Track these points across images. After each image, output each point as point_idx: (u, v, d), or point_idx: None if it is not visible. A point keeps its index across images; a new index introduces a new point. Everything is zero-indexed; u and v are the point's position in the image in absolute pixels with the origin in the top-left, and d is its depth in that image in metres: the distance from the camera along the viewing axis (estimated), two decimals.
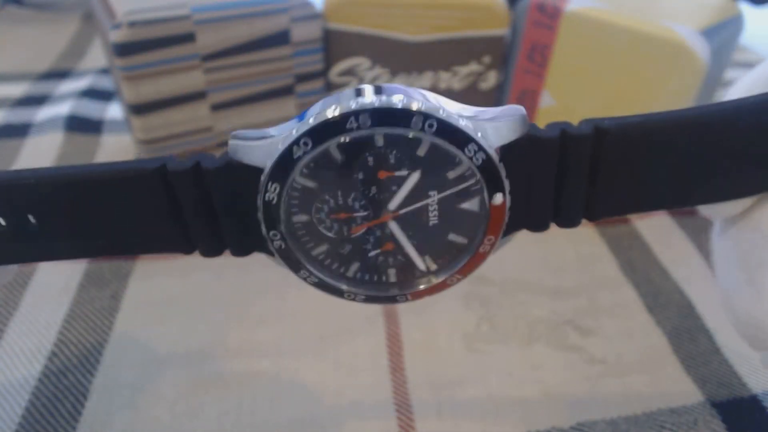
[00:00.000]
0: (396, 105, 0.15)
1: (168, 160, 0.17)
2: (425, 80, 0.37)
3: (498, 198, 0.16)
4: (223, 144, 0.34)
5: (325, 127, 0.15)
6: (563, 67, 0.34)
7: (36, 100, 0.45)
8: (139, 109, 0.31)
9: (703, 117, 0.17)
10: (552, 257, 0.33)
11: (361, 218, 0.17)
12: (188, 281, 0.30)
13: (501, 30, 0.35)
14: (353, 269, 0.18)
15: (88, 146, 0.40)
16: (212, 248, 0.18)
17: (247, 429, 0.24)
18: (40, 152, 0.38)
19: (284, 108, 0.35)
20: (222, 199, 0.17)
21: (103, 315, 0.28)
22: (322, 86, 0.36)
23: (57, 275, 0.30)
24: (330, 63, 0.35)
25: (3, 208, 0.17)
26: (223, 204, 0.17)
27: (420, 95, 0.16)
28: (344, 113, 0.15)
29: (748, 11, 0.37)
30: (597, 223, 0.36)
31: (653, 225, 0.36)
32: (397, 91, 0.15)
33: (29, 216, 0.17)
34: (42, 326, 0.27)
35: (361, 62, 0.36)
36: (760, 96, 0.17)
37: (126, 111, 0.34)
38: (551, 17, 0.33)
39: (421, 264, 0.18)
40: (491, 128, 0.16)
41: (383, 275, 0.18)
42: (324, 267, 0.18)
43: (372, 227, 0.17)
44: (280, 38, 0.32)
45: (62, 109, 0.43)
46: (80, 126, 0.41)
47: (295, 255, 0.17)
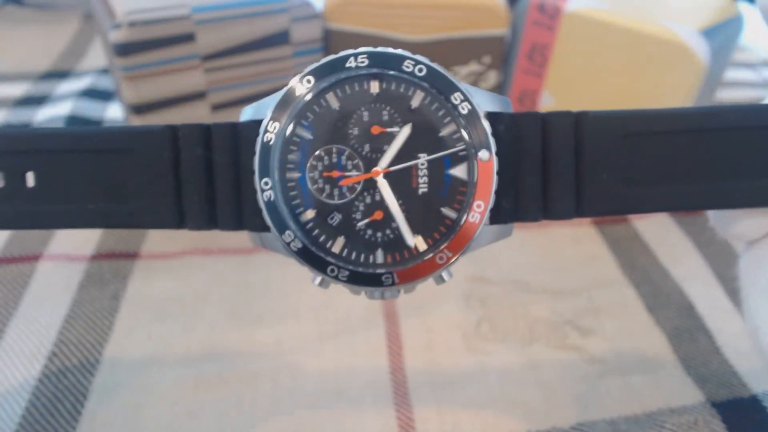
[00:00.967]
0: (390, 50, 0.17)
1: (181, 125, 0.18)
2: None
3: (484, 154, 0.17)
4: None
5: (327, 65, 0.17)
6: (563, 67, 0.34)
7: (36, 100, 0.45)
8: (139, 109, 0.31)
9: (683, 112, 0.18)
10: (552, 257, 0.33)
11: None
12: (188, 281, 0.30)
13: (501, 30, 0.35)
14: (340, 244, 0.18)
15: None
16: (202, 218, 0.18)
17: (247, 429, 0.24)
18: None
19: None
20: (223, 159, 0.18)
21: (103, 315, 0.28)
22: None
23: (57, 275, 0.30)
24: None
25: (6, 162, 0.18)
26: (224, 165, 0.18)
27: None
28: (344, 54, 0.17)
29: (748, 11, 0.37)
30: (597, 223, 0.36)
31: (653, 225, 0.36)
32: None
33: (28, 174, 0.18)
34: (42, 326, 0.27)
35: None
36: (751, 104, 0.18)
37: (126, 111, 0.34)
38: (551, 17, 0.33)
39: (410, 238, 0.18)
40: (477, 94, 0.18)
41: (370, 255, 0.18)
42: (310, 237, 0.18)
43: (362, 193, 0.18)
44: (280, 38, 0.32)
45: (62, 109, 0.43)
46: (80, 125, 0.41)
47: (282, 214, 0.17)
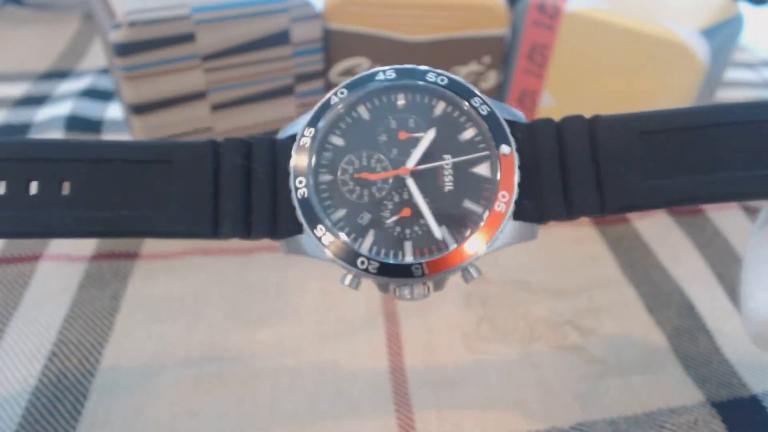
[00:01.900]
0: (414, 66, 0.19)
1: (222, 140, 0.19)
2: None
3: (505, 149, 0.18)
4: None
5: (359, 79, 0.19)
6: (563, 67, 0.34)
7: (36, 100, 0.45)
8: (139, 109, 0.31)
9: (699, 111, 0.19)
10: (552, 257, 0.33)
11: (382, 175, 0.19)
12: (188, 281, 0.30)
13: (501, 30, 0.35)
14: (369, 240, 0.18)
15: None
16: (237, 227, 0.19)
17: (247, 429, 0.24)
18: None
19: (284, 108, 0.35)
20: (262, 169, 0.19)
21: (103, 315, 0.28)
22: (322, 86, 0.36)
23: (57, 275, 0.30)
24: (330, 63, 0.35)
25: (41, 170, 0.18)
26: (261, 176, 0.19)
27: None
28: (374, 70, 0.19)
29: (748, 11, 0.37)
30: (597, 223, 0.36)
31: (653, 225, 0.36)
32: None
33: (64, 183, 0.18)
34: (42, 326, 0.27)
35: (361, 62, 0.36)
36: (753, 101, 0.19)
37: (126, 111, 0.34)
38: (551, 17, 0.33)
39: (437, 232, 0.18)
40: (492, 102, 0.19)
41: (399, 250, 0.18)
42: (341, 234, 0.19)
43: (391, 192, 0.19)
44: (280, 38, 0.32)
45: (62, 109, 0.43)
46: (80, 126, 0.41)
47: (315, 210, 0.18)
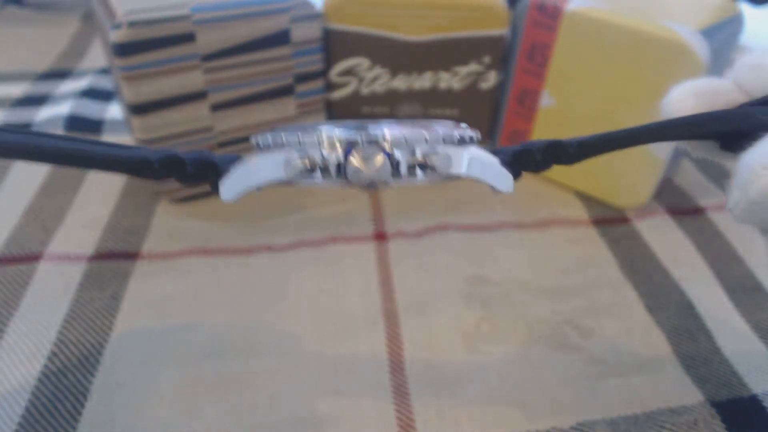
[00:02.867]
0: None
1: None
2: (425, 80, 0.37)
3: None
4: (224, 144, 0.34)
5: None
6: (563, 67, 0.34)
7: (36, 100, 0.45)
8: (139, 109, 0.31)
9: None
10: (552, 257, 0.33)
11: None
12: (188, 281, 0.30)
13: (501, 30, 0.35)
14: None
15: None
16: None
17: (247, 429, 0.24)
18: None
19: (284, 108, 0.35)
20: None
21: (103, 315, 0.28)
22: (322, 86, 0.36)
23: (57, 275, 0.30)
24: (330, 63, 0.35)
25: None
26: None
27: None
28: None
29: (748, 11, 0.37)
30: (597, 223, 0.36)
31: (653, 225, 0.36)
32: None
33: None
34: (42, 326, 0.27)
35: (361, 62, 0.36)
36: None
37: (126, 111, 0.34)
38: (551, 17, 0.33)
39: None
40: None
41: None
42: None
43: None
44: (280, 38, 0.32)
45: (62, 109, 0.43)
46: (80, 126, 0.41)
47: None
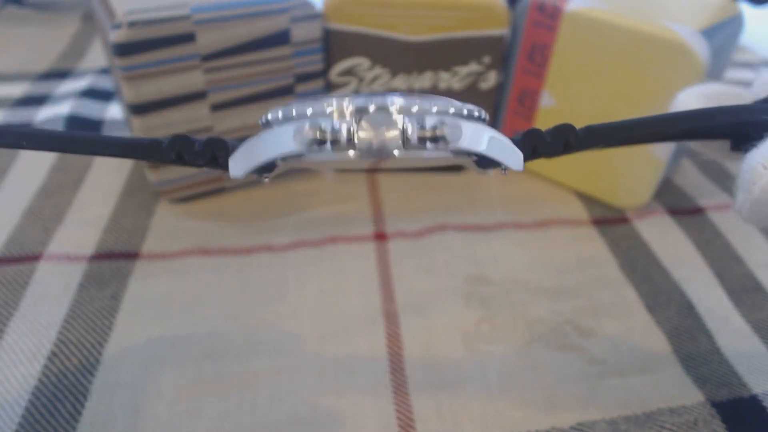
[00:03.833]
0: None
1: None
2: (425, 80, 0.37)
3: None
4: None
5: None
6: (563, 67, 0.34)
7: (36, 100, 0.45)
8: (139, 109, 0.31)
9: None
10: (552, 257, 0.33)
11: None
12: (188, 281, 0.30)
13: (501, 30, 0.35)
14: None
15: None
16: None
17: (247, 429, 0.24)
18: (40, 152, 0.38)
19: None
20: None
21: (103, 315, 0.28)
22: (322, 86, 0.36)
23: (57, 275, 0.30)
24: (330, 63, 0.35)
25: None
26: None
27: None
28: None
29: (748, 11, 0.37)
30: (597, 223, 0.36)
31: (653, 225, 0.36)
32: None
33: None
34: (42, 326, 0.27)
35: (361, 62, 0.36)
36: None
37: (126, 111, 0.34)
38: (551, 17, 0.33)
39: None
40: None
41: None
42: None
43: None
44: (280, 38, 0.32)
45: (62, 109, 0.43)
46: (80, 126, 0.41)
47: None
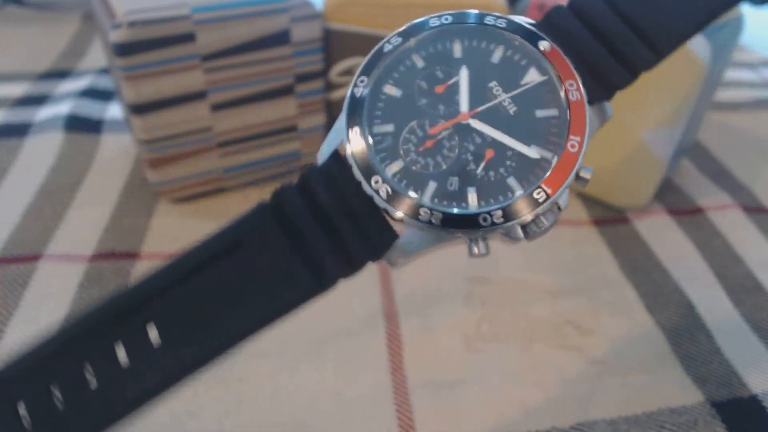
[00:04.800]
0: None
1: (273, 195, 0.17)
2: None
3: (544, 44, 0.18)
4: (224, 144, 0.34)
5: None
6: None
7: (36, 100, 0.45)
8: (139, 109, 0.31)
9: None
10: (552, 257, 0.33)
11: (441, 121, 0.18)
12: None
13: None
14: (473, 196, 0.17)
15: (88, 146, 0.40)
16: (336, 265, 0.17)
17: (247, 429, 0.24)
18: (40, 152, 0.38)
19: (284, 108, 0.35)
20: (333, 199, 0.17)
21: None
22: (322, 86, 0.36)
23: (57, 275, 0.30)
24: (330, 63, 0.35)
25: (123, 329, 0.16)
26: (327, 200, 0.17)
27: None
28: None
29: (748, 11, 0.37)
30: (597, 223, 0.36)
31: (653, 225, 0.36)
32: None
33: (150, 326, 0.16)
34: (42, 326, 0.27)
35: (361, 62, 0.36)
36: None
37: (126, 111, 0.34)
38: None
39: (532, 152, 0.17)
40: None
41: (507, 191, 0.17)
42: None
43: (462, 147, 0.17)
44: (280, 38, 0.32)
45: (62, 109, 0.43)
46: (80, 126, 0.41)
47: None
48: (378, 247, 0.17)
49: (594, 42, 0.18)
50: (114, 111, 0.44)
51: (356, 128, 0.17)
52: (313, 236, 0.17)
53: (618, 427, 0.24)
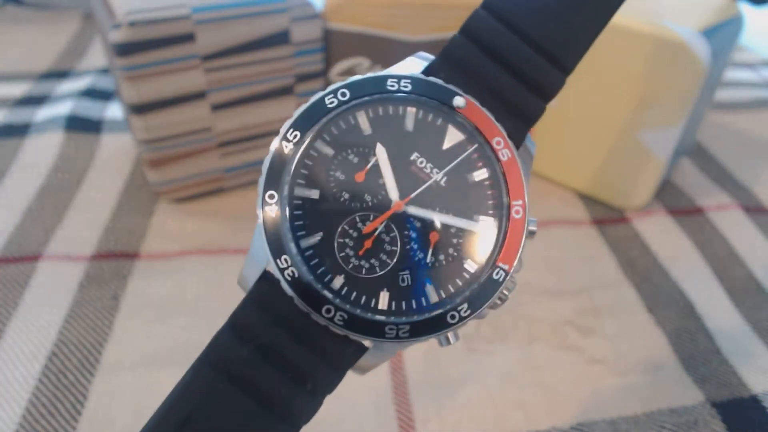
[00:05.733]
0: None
1: (206, 350, 0.16)
2: None
3: (459, 100, 0.16)
4: (224, 144, 0.34)
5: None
6: None
7: (36, 100, 0.45)
8: (139, 109, 0.31)
9: None
10: (552, 257, 0.33)
11: (372, 216, 0.16)
12: (188, 281, 0.30)
13: None
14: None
15: (88, 146, 0.40)
16: (302, 403, 0.15)
17: None
18: (40, 152, 0.38)
19: (284, 108, 0.35)
20: (280, 334, 0.15)
21: (103, 315, 0.28)
22: (322, 86, 0.36)
23: (57, 275, 0.30)
24: (330, 63, 0.35)
25: None
26: (274, 337, 0.15)
27: None
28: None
29: (748, 11, 0.37)
30: (597, 223, 0.36)
31: (653, 225, 0.36)
32: None
33: None
34: (42, 326, 0.27)
35: (361, 62, 0.36)
36: None
37: (126, 111, 0.34)
38: None
39: (474, 224, 0.16)
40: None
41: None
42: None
43: (406, 238, 0.16)
44: (280, 38, 0.32)
45: (62, 109, 0.43)
46: (80, 126, 0.41)
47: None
48: (345, 366, 0.16)
49: (501, 72, 0.16)
50: (114, 111, 0.44)
51: (284, 256, 0.15)
52: (272, 384, 0.15)
53: (618, 427, 0.24)
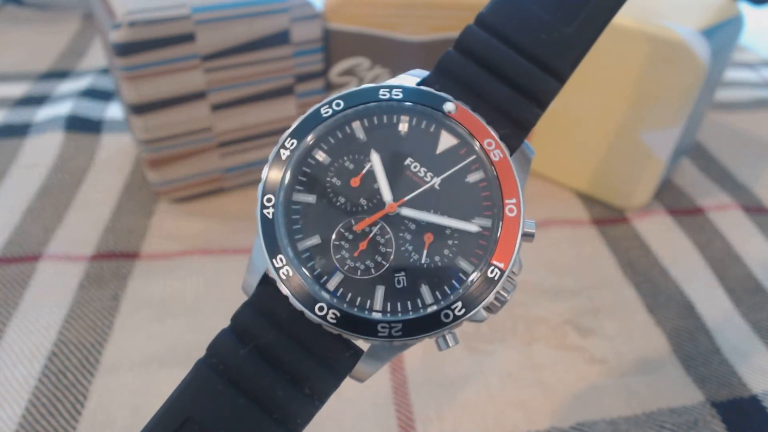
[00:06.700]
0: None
1: (207, 352, 0.16)
2: None
3: (449, 105, 0.16)
4: (224, 144, 0.34)
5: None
6: None
7: (36, 100, 0.45)
8: (139, 109, 0.31)
9: None
10: (552, 257, 0.33)
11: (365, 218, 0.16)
12: (188, 281, 0.30)
13: None
14: (427, 291, 0.16)
15: (88, 146, 0.40)
16: (300, 406, 0.15)
17: None
18: (40, 152, 0.38)
19: (284, 108, 0.35)
20: (278, 336, 0.16)
21: (103, 315, 0.28)
22: (322, 86, 0.36)
23: (57, 275, 0.30)
24: (330, 63, 0.35)
25: None
26: (273, 339, 0.16)
27: None
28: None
29: (748, 11, 0.37)
30: (597, 223, 0.36)
31: (653, 225, 0.36)
32: None
33: None
34: (42, 326, 0.27)
35: (361, 62, 0.36)
36: None
37: (126, 111, 0.34)
38: None
39: (469, 224, 0.16)
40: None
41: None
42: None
43: (401, 238, 0.16)
44: (280, 38, 0.32)
45: (62, 109, 0.43)
46: (80, 126, 0.41)
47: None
48: (343, 371, 0.16)
49: (495, 82, 0.17)
50: (114, 111, 0.44)
51: (280, 256, 0.16)
52: (270, 386, 0.15)
53: (618, 427, 0.24)
